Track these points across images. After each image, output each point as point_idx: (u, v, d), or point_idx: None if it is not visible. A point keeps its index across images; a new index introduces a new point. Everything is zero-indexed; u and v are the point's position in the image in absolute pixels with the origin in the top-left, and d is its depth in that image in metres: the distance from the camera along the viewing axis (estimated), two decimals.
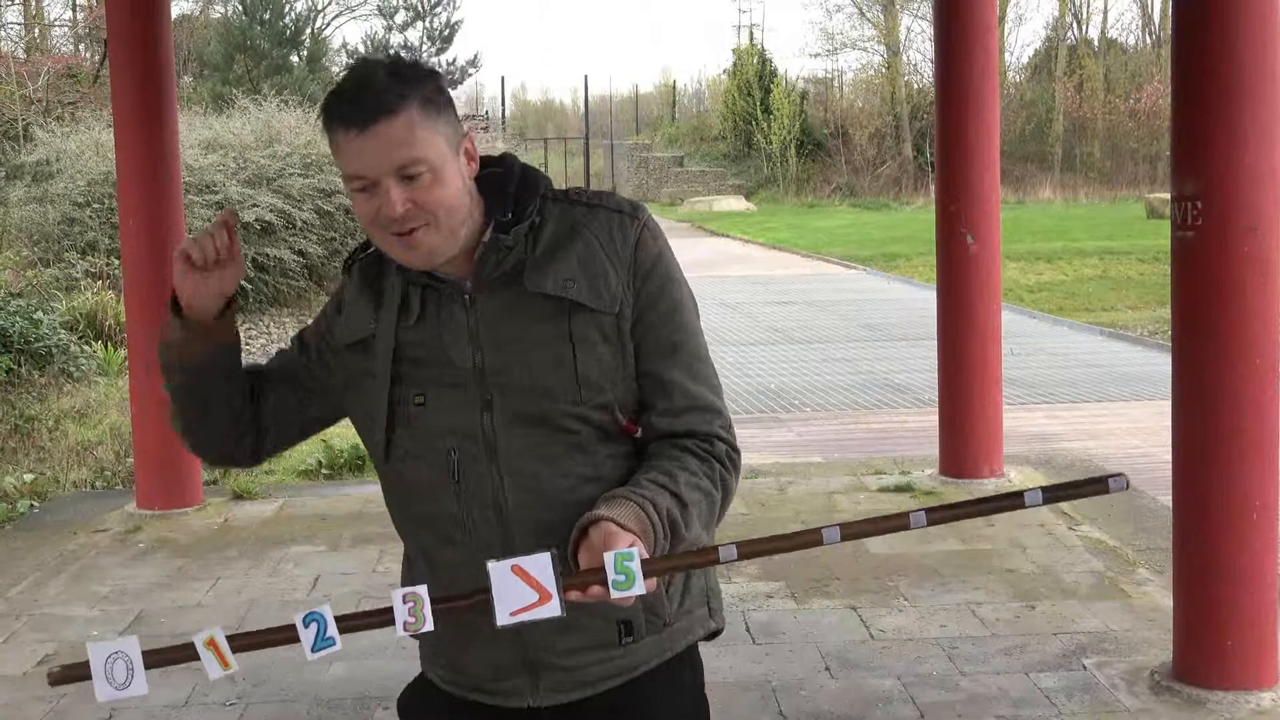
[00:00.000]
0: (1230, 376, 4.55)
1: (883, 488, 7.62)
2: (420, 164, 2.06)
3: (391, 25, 37.61)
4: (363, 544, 6.60)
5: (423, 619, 1.88)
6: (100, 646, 1.92)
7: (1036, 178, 40.42)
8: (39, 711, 4.84)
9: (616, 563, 1.88)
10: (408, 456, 2.22)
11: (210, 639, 1.91)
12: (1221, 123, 4.50)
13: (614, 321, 2.17)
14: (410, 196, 2.07)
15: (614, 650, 2.23)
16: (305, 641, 1.89)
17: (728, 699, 4.77)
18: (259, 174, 17.03)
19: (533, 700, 2.24)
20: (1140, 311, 17.47)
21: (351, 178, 2.09)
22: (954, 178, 7.64)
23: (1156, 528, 6.62)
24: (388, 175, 2.06)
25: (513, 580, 1.87)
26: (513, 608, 1.87)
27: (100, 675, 1.91)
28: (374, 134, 2.05)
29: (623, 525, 1.96)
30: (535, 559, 1.88)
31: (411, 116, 2.06)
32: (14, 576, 6.45)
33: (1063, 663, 5.07)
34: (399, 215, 2.06)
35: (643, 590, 1.87)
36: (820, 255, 26.66)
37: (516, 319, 2.16)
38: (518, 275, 2.17)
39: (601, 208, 2.23)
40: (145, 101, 7.33)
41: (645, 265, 2.20)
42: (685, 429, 2.19)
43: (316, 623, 1.89)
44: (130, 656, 1.91)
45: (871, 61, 48.04)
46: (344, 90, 2.10)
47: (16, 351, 11.54)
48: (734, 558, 1.93)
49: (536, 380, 2.14)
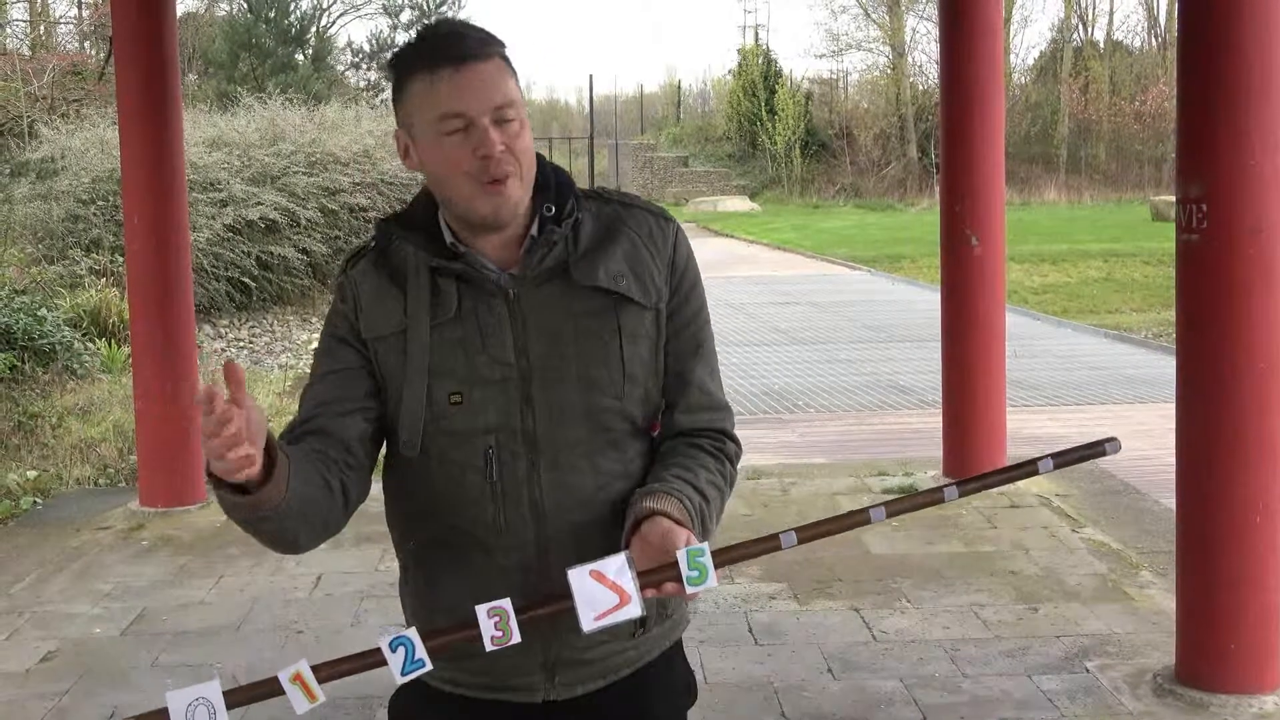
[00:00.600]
0: (1234, 379, 4.55)
1: (886, 489, 7.61)
2: (514, 108, 2.08)
3: (397, 24, 37.60)
4: (365, 543, 6.59)
5: (510, 632, 1.86)
6: (180, 695, 1.86)
7: (1041, 179, 40.45)
8: (41, 709, 4.84)
9: (689, 559, 1.89)
10: (440, 457, 2.18)
11: (297, 673, 1.88)
12: (1227, 125, 4.49)
13: (654, 317, 2.21)
14: (504, 139, 2.06)
15: (628, 643, 2.27)
16: (394, 666, 1.86)
17: (730, 700, 4.77)
18: (263, 172, 17.04)
19: (547, 694, 2.25)
20: (1145, 314, 17.46)
21: (448, 116, 2.06)
22: (958, 179, 7.63)
23: (1160, 530, 6.61)
24: (485, 114, 2.05)
25: (593, 585, 1.88)
26: (596, 612, 1.88)
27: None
28: (473, 71, 2.05)
29: (676, 520, 2.01)
30: (610, 562, 1.89)
31: (500, 65, 2.09)
32: (17, 573, 6.45)
33: (1065, 665, 5.06)
34: (498, 154, 2.05)
35: (714, 584, 1.89)
36: (825, 256, 26.67)
37: (564, 312, 2.16)
38: (561, 269, 2.17)
39: (636, 207, 2.28)
40: (150, 99, 7.32)
41: (681, 266, 2.26)
42: (702, 426, 2.26)
43: (404, 646, 1.87)
44: (212, 701, 1.87)
45: (877, 62, 48.09)
46: (433, 37, 2.10)
47: (20, 348, 11.54)
48: (794, 543, 1.96)
49: (583, 373, 2.15)
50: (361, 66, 37.64)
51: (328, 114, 20.08)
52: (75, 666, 5.24)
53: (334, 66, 36.46)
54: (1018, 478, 2.07)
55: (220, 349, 14.76)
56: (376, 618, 5.64)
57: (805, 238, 30.40)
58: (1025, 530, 6.78)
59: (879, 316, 17.47)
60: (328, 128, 18.99)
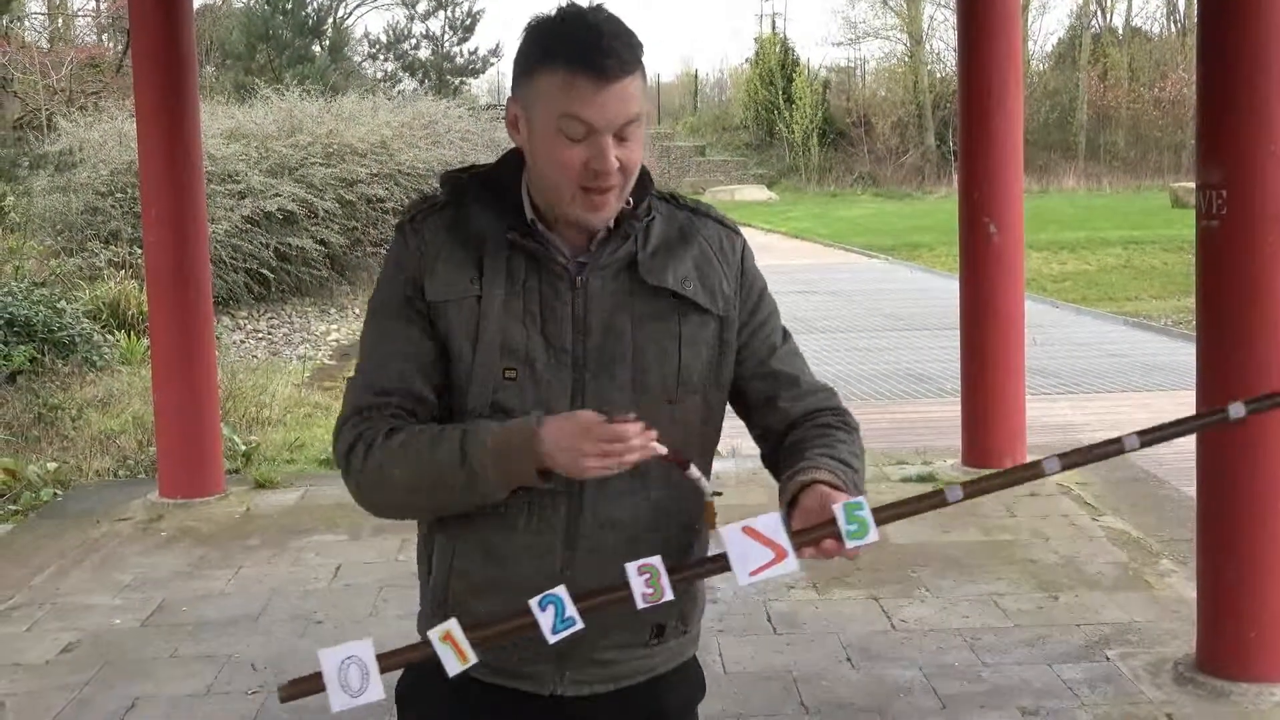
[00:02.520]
0: (1255, 366, 4.52)
1: (905, 478, 7.60)
2: (636, 124, 2.06)
3: (414, 14, 37.67)
4: (383, 533, 6.60)
5: (661, 590, 1.84)
6: (333, 653, 1.83)
7: (1060, 167, 40.30)
8: (61, 700, 4.85)
9: (848, 513, 1.88)
10: None
11: (447, 633, 1.84)
12: (1247, 111, 4.46)
13: (718, 326, 2.21)
14: (619, 154, 2.05)
15: (640, 650, 2.26)
16: (544, 625, 1.83)
17: (749, 689, 4.77)
18: (281, 163, 17.08)
19: (555, 688, 2.24)
20: (1164, 301, 17.40)
21: (573, 120, 2.03)
22: (977, 167, 7.61)
23: (1180, 518, 6.58)
24: (610, 131, 2.04)
25: (746, 541, 1.86)
26: (752, 567, 1.86)
27: (334, 683, 1.81)
28: (617, 88, 2.02)
29: (833, 485, 2.01)
30: (765, 519, 1.86)
31: (637, 79, 2.06)
32: (37, 565, 6.47)
33: (1085, 654, 5.05)
34: (612, 170, 2.04)
35: (876, 538, 1.89)
36: (842, 245, 26.64)
37: (627, 308, 2.15)
38: (630, 265, 2.17)
39: (708, 217, 2.29)
40: (168, 91, 7.33)
41: (750, 276, 2.28)
42: (816, 406, 2.26)
43: (554, 604, 1.83)
44: (365, 660, 1.83)
45: (894, 50, 47.93)
46: (591, 36, 2.03)
47: (40, 340, 11.58)
48: (959, 498, 1.94)
49: (637, 372, 2.14)
50: (378, 57, 37.70)
51: (345, 105, 20.10)
52: (95, 657, 5.25)
53: (351, 58, 36.53)
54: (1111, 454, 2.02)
55: (239, 340, 14.79)
56: (395, 608, 5.65)
57: (823, 226, 30.35)
58: (1045, 518, 6.76)
59: (897, 305, 17.43)
60: (345, 119, 19.01)
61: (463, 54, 37.98)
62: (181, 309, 7.42)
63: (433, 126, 20.28)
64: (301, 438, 9.47)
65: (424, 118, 20.51)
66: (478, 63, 39.40)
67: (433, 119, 20.67)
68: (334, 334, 15.52)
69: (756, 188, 41.92)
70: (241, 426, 9.47)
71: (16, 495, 7.99)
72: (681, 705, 2.37)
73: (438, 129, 20.31)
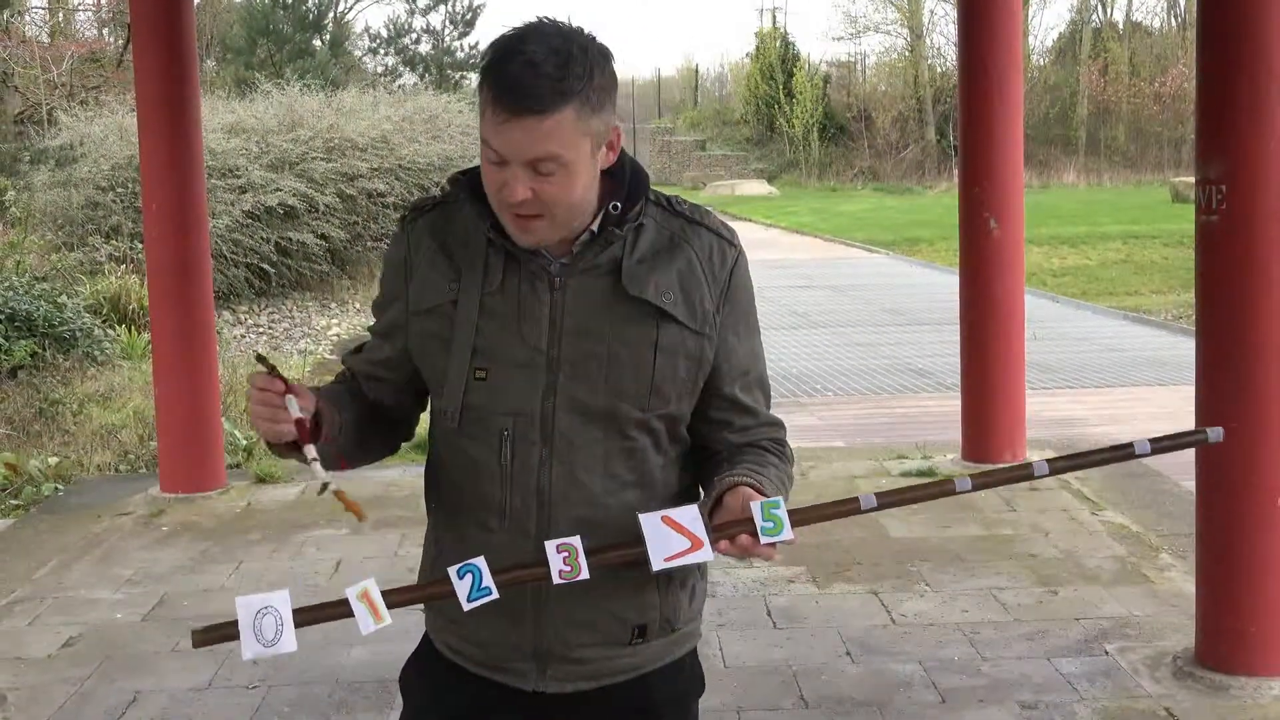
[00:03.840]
0: (1254, 361, 4.53)
1: (905, 472, 7.60)
2: (553, 161, 2.02)
3: (414, 9, 37.56)
4: (384, 528, 6.61)
5: (578, 568, 1.90)
6: (250, 600, 1.89)
7: (1060, 161, 40.29)
8: (63, 694, 4.86)
9: (764, 510, 1.93)
10: (464, 430, 2.19)
11: (364, 591, 1.91)
12: (1247, 107, 4.46)
13: (698, 341, 2.19)
14: (535, 186, 2.03)
15: (623, 650, 2.26)
16: (461, 592, 1.91)
17: (749, 683, 4.78)
18: (281, 158, 17.06)
19: (537, 684, 2.26)
20: (1164, 296, 17.40)
21: (485, 144, 2.05)
22: (977, 161, 7.61)
23: (1179, 513, 6.59)
24: (519, 162, 2.02)
25: (664, 529, 1.92)
26: (667, 554, 1.92)
27: (249, 631, 1.88)
28: (520, 124, 1.99)
29: (758, 489, 2.04)
30: (683, 511, 1.93)
31: (564, 117, 2.00)
32: (39, 559, 6.48)
33: (1085, 648, 5.06)
34: (518, 201, 2.04)
35: (791, 537, 1.94)
36: (843, 239, 26.64)
37: (604, 314, 2.15)
38: (613, 270, 2.16)
39: (704, 226, 2.24)
40: (168, 86, 7.33)
41: (736, 290, 2.24)
42: (760, 438, 2.29)
43: (472, 574, 1.91)
44: (280, 612, 1.90)
45: (894, 45, 47.96)
46: (505, 63, 2.01)
47: (41, 335, 11.58)
48: (874, 506, 1.99)
49: (611, 379, 2.14)
50: (379, 52, 37.63)
51: (345, 100, 20.10)
52: (97, 652, 5.26)
53: (351, 52, 36.46)
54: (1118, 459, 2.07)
55: (240, 335, 14.79)
56: None
57: (823, 221, 30.35)
58: (1044, 513, 6.77)
59: (897, 300, 17.43)
60: (345, 113, 19.00)
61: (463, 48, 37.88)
62: (182, 304, 7.42)
63: (433, 121, 20.29)
64: None
65: (424, 112, 20.51)
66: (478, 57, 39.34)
67: (433, 113, 20.68)
68: (334, 328, 15.53)
69: (757, 182, 41.90)
70: (242, 421, 9.46)
71: (18, 490, 8.01)
72: (673, 701, 2.37)
73: (438, 123, 20.31)
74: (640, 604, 2.24)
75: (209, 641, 1.92)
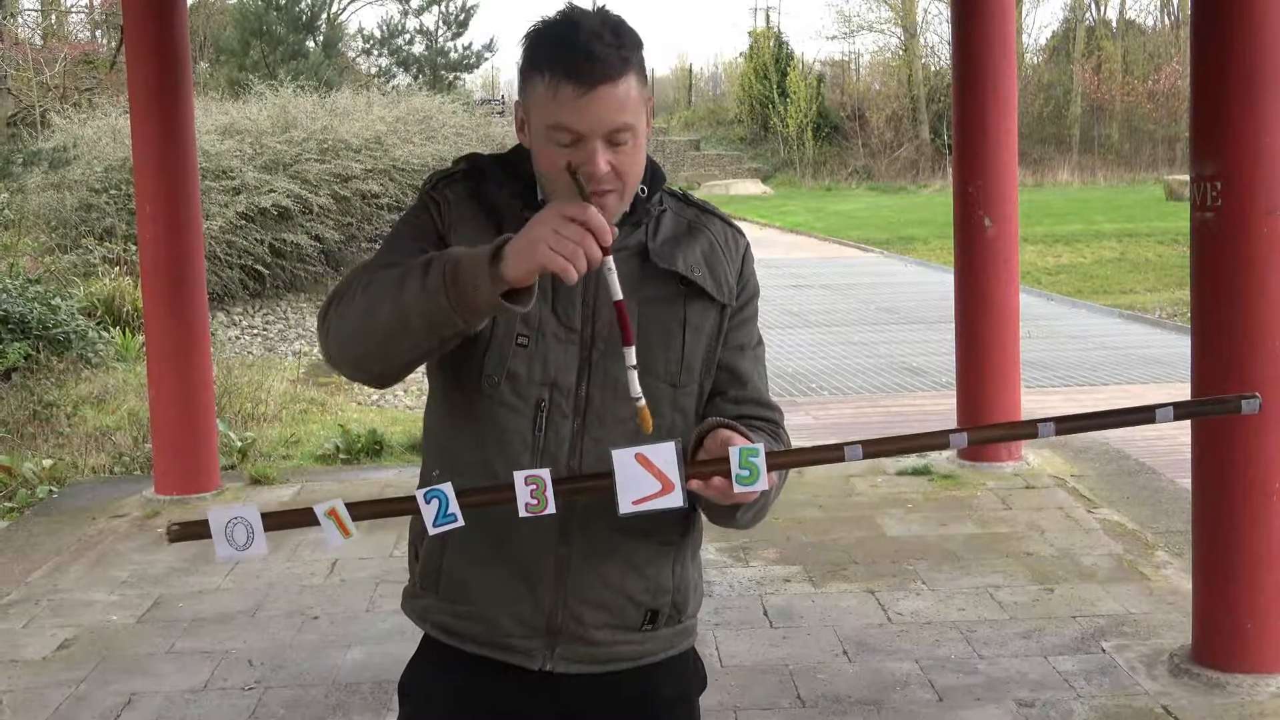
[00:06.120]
0: (1249, 358, 4.53)
1: (900, 471, 7.60)
2: (626, 131, 2.06)
3: (408, 9, 37.53)
4: (379, 529, 6.59)
5: (545, 501, 1.90)
6: (220, 510, 1.95)
7: (1055, 160, 40.32)
8: (58, 696, 4.85)
9: (741, 457, 1.91)
10: (499, 398, 2.17)
11: (332, 509, 1.93)
12: (1241, 103, 4.47)
13: (719, 315, 2.25)
14: (611, 159, 2.06)
15: (633, 635, 2.27)
16: (427, 516, 1.91)
17: (746, 682, 4.77)
18: (275, 159, 17.03)
19: (546, 664, 2.25)
20: (1159, 294, 17.43)
21: (559, 129, 2.04)
22: (972, 160, 7.61)
23: (1175, 510, 6.59)
24: (598, 135, 2.04)
25: (636, 468, 1.89)
26: (635, 496, 1.90)
27: (220, 537, 1.94)
28: (597, 96, 2.01)
29: (743, 434, 2.02)
30: (660, 448, 1.90)
31: (631, 84, 2.05)
32: (34, 561, 6.47)
33: (1081, 646, 5.06)
34: (601, 175, 2.05)
35: (765, 486, 1.91)
36: (837, 238, 26.65)
37: (635, 292, 2.17)
38: (640, 252, 2.20)
39: (715, 216, 2.34)
40: (162, 87, 7.32)
41: (747, 275, 2.33)
42: (750, 415, 2.28)
43: (438, 499, 1.91)
44: (250, 521, 1.94)
45: (888, 44, 48.00)
46: (569, 41, 2.03)
47: (35, 338, 11.56)
48: (859, 457, 1.96)
49: (643, 354, 2.13)
50: (373, 53, 37.60)
51: (339, 101, 20.07)
52: (92, 654, 5.25)
53: (345, 53, 36.42)
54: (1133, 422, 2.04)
55: (234, 337, 14.78)
56: (391, 603, 5.64)
57: (818, 220, 30.36)
58: (1040, 511, 6.77)
59: (892, 299, 17.44)
60: (339, 114, 18.97)
61: (457, 49, 37.86)
62: (177, 305, 7.41)
63: (427, 122, 20.25)
64: (297, 433, 9.47)
65: (418, 113, 20.48)
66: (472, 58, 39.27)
67: (427, 114, 20.64)
68: None
69: (751, 182, 41.92)
70: (237, 422, 9.46)
71: (12, 492, 8.00)
72: (675, 696, 2.37)
73: (432, 124, 20.28)
74: (655, 587, 2.26)
75: (183, 537, 1.98)
